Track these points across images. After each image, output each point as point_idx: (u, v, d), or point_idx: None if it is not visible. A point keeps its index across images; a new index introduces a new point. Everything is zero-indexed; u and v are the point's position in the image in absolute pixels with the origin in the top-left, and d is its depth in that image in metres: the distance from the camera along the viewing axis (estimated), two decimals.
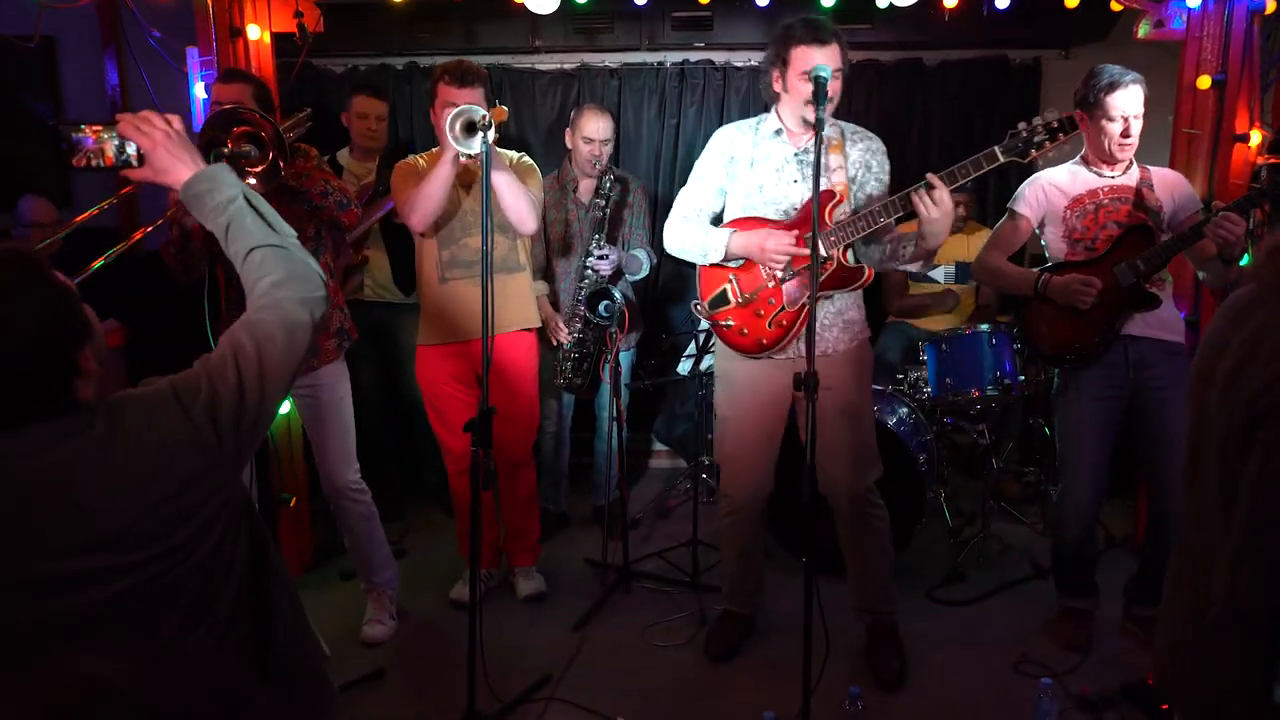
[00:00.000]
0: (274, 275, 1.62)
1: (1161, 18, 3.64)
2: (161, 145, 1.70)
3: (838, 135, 2.88)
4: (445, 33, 4.69)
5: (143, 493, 1.41)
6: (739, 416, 3.03)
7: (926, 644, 3.28)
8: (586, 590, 3.69)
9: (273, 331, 1.56)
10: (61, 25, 4.47)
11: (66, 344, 1.43)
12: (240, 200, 1.68)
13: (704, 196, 2.99)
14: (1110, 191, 3.06)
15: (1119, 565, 3.59)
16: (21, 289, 1.38)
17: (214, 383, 1.49)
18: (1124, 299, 3.00)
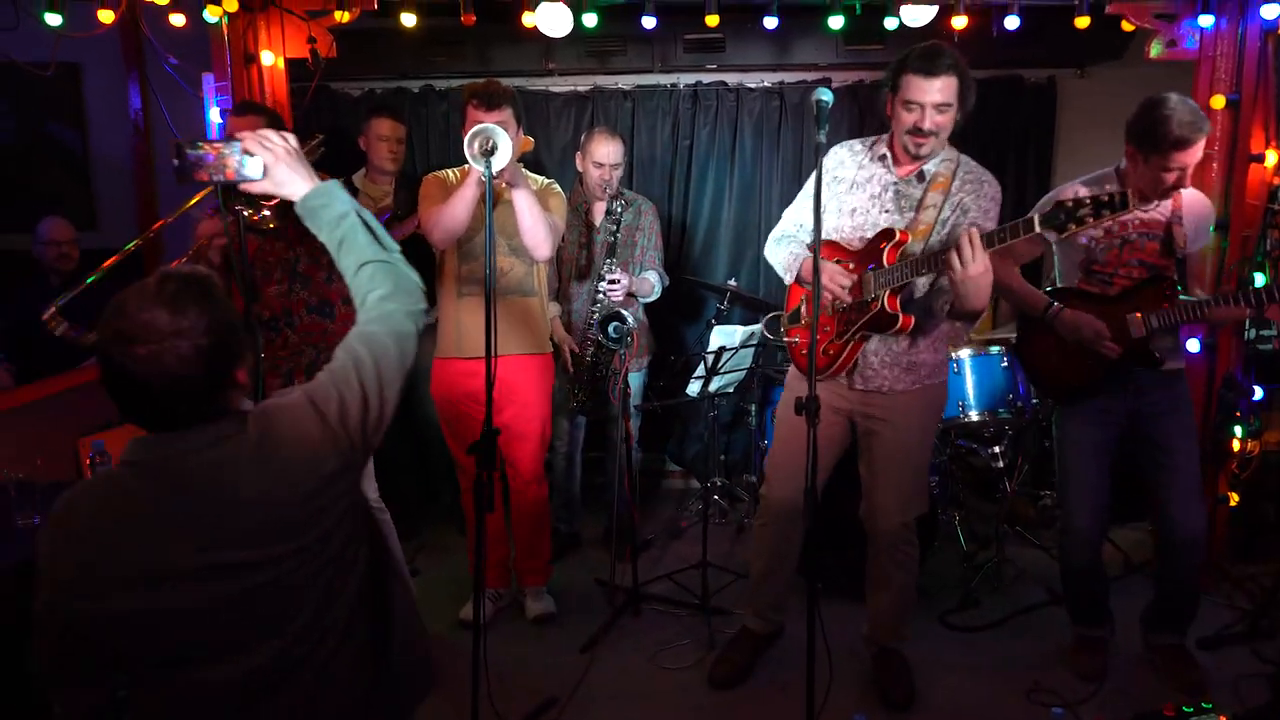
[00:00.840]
0: (382, 289, 1.73)
1: (1174, 37, 3.61)
2: (284, 160, 1.80)
3: (948, 173, 2.78)
4: (460, 56, 4.74)
5: (290, 491, 1.53)
6: (783, 429, 3.03)
7: (938, 669, 3.25)
8: (596, 611, 3.68)
9: (386, 342, 1.67)
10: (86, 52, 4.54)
11: (231, 357, 1.55)
12: (353, 216, 1.79)
13: (806, 213, 2.96)
14: (1140, 226, 2.95)
15: (1138, 592, 3.53)
16: (204, 304, 1.50)
17: (341, 391, 1.61)
18: (1128, 350, 2.90)
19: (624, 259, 3.96)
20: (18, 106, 4.80)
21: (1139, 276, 2.94)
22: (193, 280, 1.52)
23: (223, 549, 1.49)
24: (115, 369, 1.47)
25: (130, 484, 1.51)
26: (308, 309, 3.21)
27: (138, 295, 1.48)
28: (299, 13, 3.48)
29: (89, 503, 1.53)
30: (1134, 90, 4.85)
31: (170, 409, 1.50)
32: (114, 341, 1.46)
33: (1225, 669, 3.20)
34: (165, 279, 1.50)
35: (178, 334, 1.46)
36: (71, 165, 4.98)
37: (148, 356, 1.45)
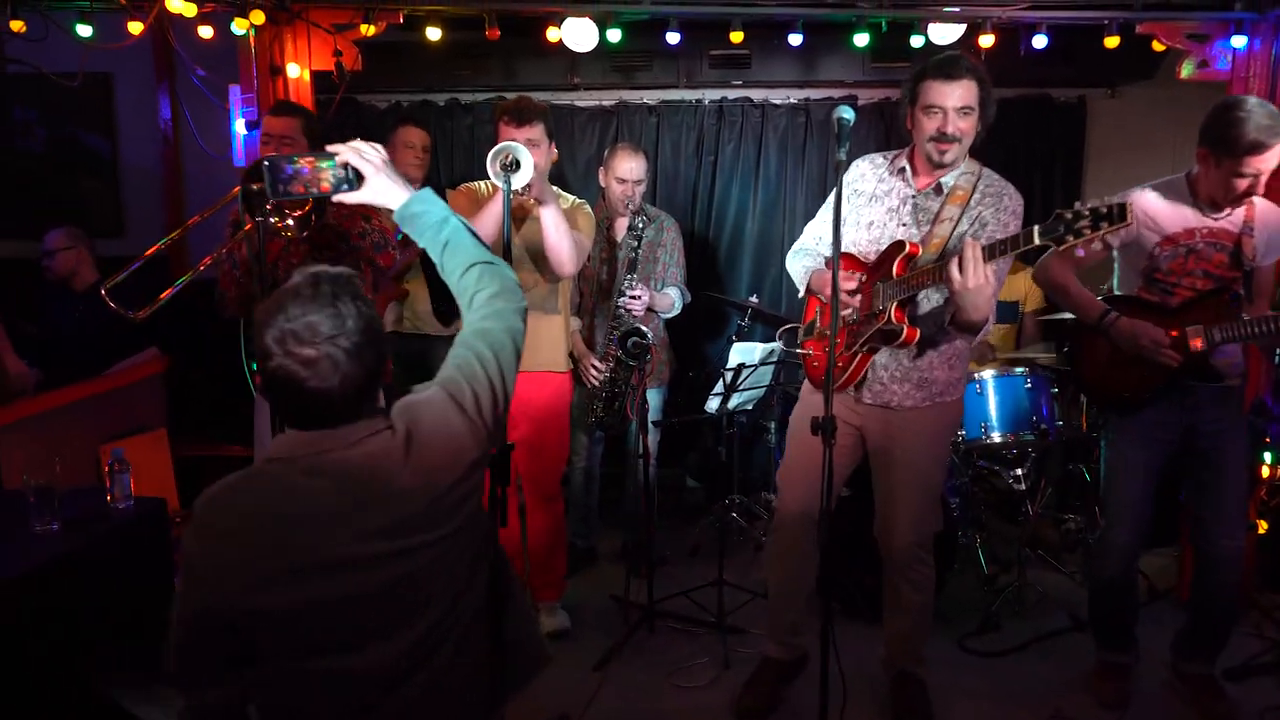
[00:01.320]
0: (492, 288, 1.81)
1: (1206, 58, 3.58)
2: (382, 170, 1.88)
3: (968, 185, 2.73)
4: (485, 70, 4.77)
5: (440, 480, 1.60)
6: (796, 441, 2.99)
7: (957, 695, 3.20)
8: (610, 628, 3.65)
9: (502, 337, 1.76)
10: (118, 62, 4.61)
11: (382, 353, 1.62)
12: (454, 219, 1.88)
13: (825, 227, 2.94)
14: (1208, 235, 2.83)
15: (1162, 619, 3.47)
16: (356, 302, 1.57)
17: (471, 384, 1.68)
18: (1186, 362, 2.81)
19: (645, 275, 3.95)
20: (48, 116, 4.88)
21: (1202, 288, 2.83)
22: (343, 279, 1.58)
23: (380, 538, 1.55)
24: (279, 371, 1.51)
25: (288, 479, 1.56)
26: None
27: (295, 297, 1.53)
28: (325, 26, 3.50)
29: (245, 499, 1.57)
30: (1165, 111, 4.86)
31: (330, 407, 1.55)
32: (278, 344, 1.51)
33: (1253, 700, 3.12)
34: (319, 280, 1.56)
35: (338, 334, 1.52)
36: (101, 174, 5.05)
37: (314, 358, 1.50)
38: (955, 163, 2.71)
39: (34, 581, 2.34)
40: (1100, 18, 3.54)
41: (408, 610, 1.61)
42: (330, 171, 1.84)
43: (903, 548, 2.91)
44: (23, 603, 2.30)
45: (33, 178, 4.97)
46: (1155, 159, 4.91)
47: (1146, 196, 2.89)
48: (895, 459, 2.87)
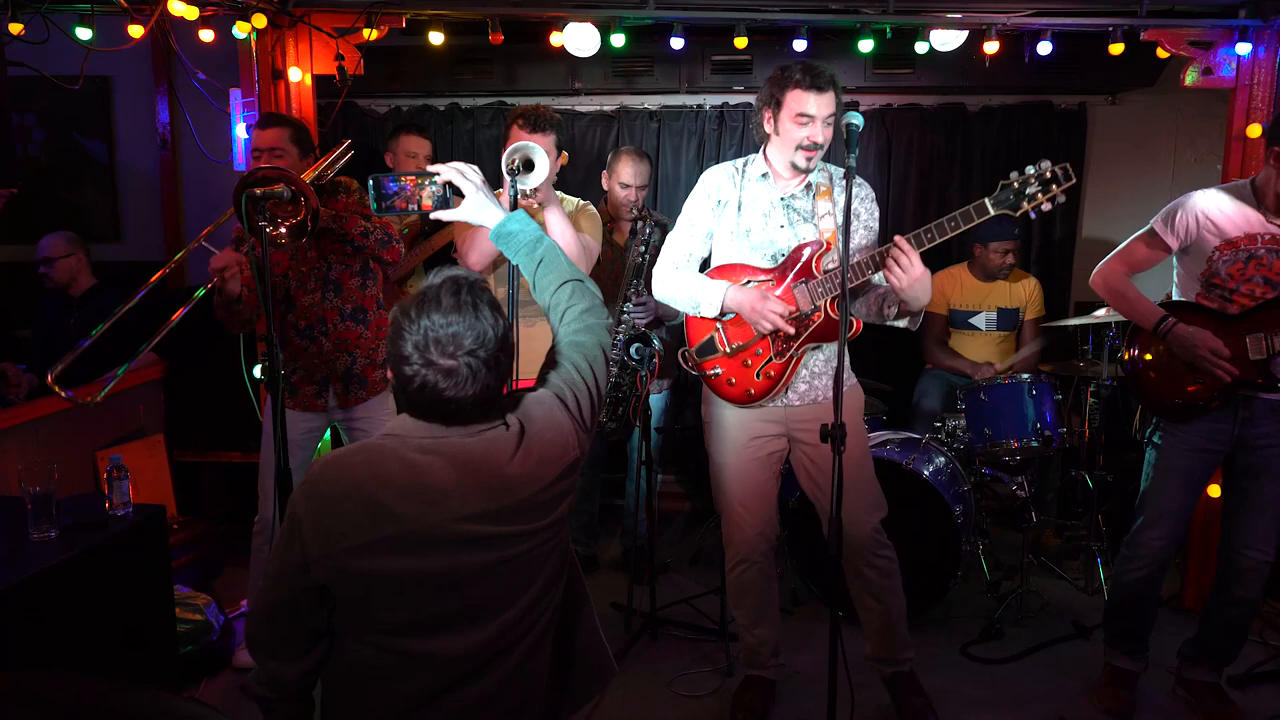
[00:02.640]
0: (583, 304, 1.91)
1: (1210, 65, 3.56)
2: (481, 190, 1.98)
3: (827, 181, 2.83)
4: (487, 75, 4.76)
5: (546, 474, 1.67)
6: (735, 464, 2.96)
7: (960, 702, 3.18)
8: (612, 636, 3.56)
9: (595, 352, 1.86)
10: (116, 66, 4.59)
11: (511, 359, 1.70)
12: (547, 239, 1.97)
13: (694, 242, 2.93)
14: (1271, 241, 2.77)
15: (1165, 626, 3.45)
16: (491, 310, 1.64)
17: (574, 390, 1.79)
18: (1246, 372, 2.78)
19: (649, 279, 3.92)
20: (46, 119, 4.86)
21: (1261, 295, 2.79)
22: (479, 287, 1.64)
23: (484, 520, 1.61)
24: (417, 379, 1.58)
25: (403, 453, 1.61)
26: (341, 316, 3.21)
27: (438, 304, 1.59)
28: (327, 30, 3.48)
29: (358, 466, 1.61)
30: (1165, 118, 4.87)
31: (461, 412, 1.62)
32: (419, 351, 1.57)
33: (1256, 708, 3.11)
34: (458, 287, 1.61)
35: (479, 346, 1.58)
36: (98, 178, 5.03)
37: (454, 369, 1.57)
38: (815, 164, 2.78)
39: (33, 589, 2.31)
40: (1105, 25, 3.53)
41: (499, 598, 1.66)
42: (430, 190, 1.95)
43: (864, 536, 2.89)
44: (21, 610, 2.27)
45: (30, 182, 4.94)
46: (1155, 166, 4.94)
47: (1208, 197, 2.85)
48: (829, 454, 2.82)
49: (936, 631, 3.60)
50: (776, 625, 3.12)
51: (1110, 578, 3.22)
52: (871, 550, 2.92)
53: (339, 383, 3.22)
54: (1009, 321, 4.47)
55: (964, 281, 4.53)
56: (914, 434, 3.95)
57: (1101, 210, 5.03)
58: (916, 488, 3.57)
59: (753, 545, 2.99)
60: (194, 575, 3.83)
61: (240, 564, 3.46)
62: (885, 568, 2.96)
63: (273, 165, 3.01)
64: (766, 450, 2.93)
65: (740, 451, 2.94)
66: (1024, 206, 2.45)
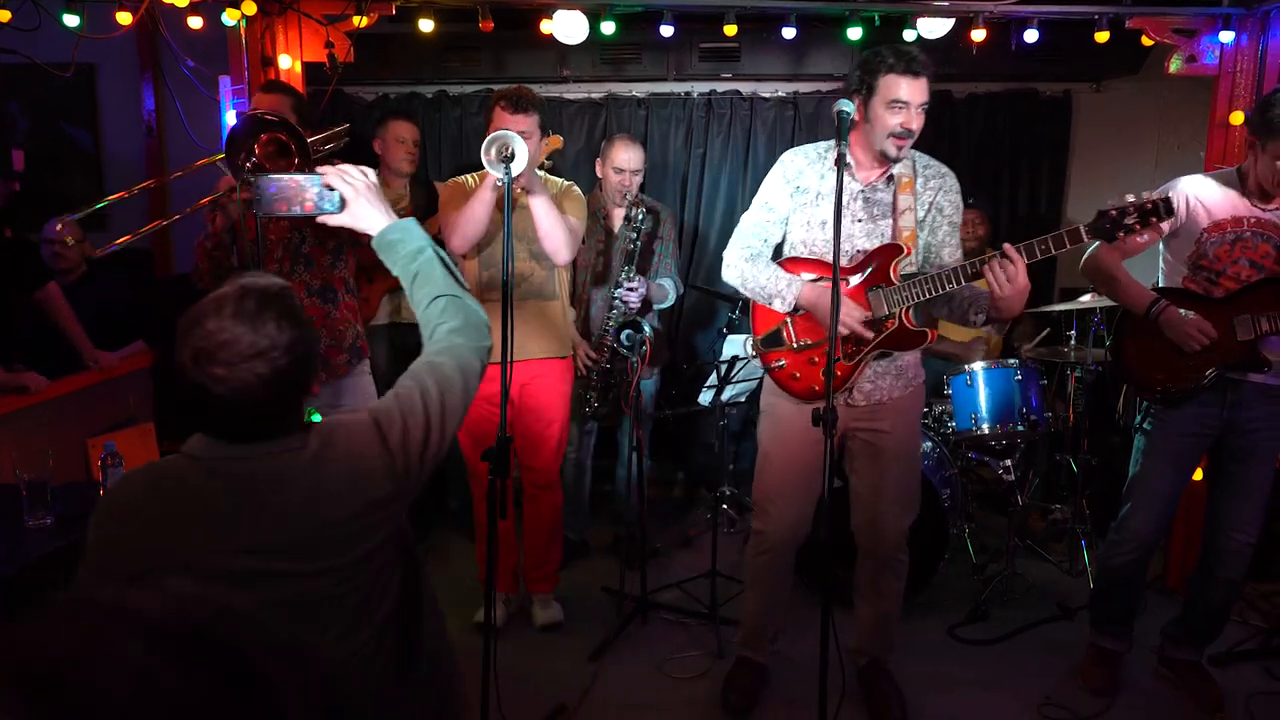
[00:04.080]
0: (453, 323, 1.75)
1: (1194, 53, 3.61)
2: (363, 195, 1.84)
3: (909, 172, 2.71)
4: (475, 62, 4.75)
5: (337, 508, 1.52)
6: (783, 454, 2.89)
7: (947, 683, 3.23)
8: (604, 619, 3.66)
9: (452, 375, 1.68)
10: (101, 53, 4.56)
11: (307, 375, 1.54)
12: (430, 251, 1.81)
13: (771, 227, 2.83)
14: (1256, 224, 2.81)
15: (1148, 607, 3.50)
16: (284, 320, 1.49)
17: (405, 416, 1.61)
18: (1234, 353, 2.82)
19: (641, 266, 3.95)
20: (32, 107, 4.82)
21: (1246, 278, 2.83)
22: (273, 295, 1.50)
23: (263, 555, 1.47)
24: (193, 386, 1.46)
25: (187, 474, 1.51)
26: (309, 291, 3.18)
27: (216, 312, 1.45)
28: (317, 17, 3.48)
29: (143, 483, 1.53)
30: (1148, 105, 4.92)
31: (245, 425, 1.50)
32: (192, 359, 1.44)
33: (1237, 687, 3.18)
34: (245, 294, 1.48)
35: (257, 355, 1.44)
36: (84, 166, 5.00)
37: (226, 376, 1.43)
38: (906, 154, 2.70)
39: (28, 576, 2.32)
40: (1090, 12, 3.57)
41: None
42: (314, 191, 1.81)
43: (895, 539, 2.92)
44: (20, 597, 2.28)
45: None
46: (1139, 152, 4.99)
47: (1196, 182, 2.89)
48: (884, 450, 2.86)
49: (923, 614, 3.64)
50: (782, 613, 3.15)
51: (1097, 561, 3.27)
52: (894, 551, 2.95)
53: None
54: None
55: None
56: None
57: (1086, 197, 5.08)
58: None
59: (782, 537, 2.95)
60: None
61: None
62: (899, 570, 3.00)
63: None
64: (819, 450, 2.77)
65: (791, 445, 2.87)
66: (1119, 237, 2.42)
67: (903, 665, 3.21)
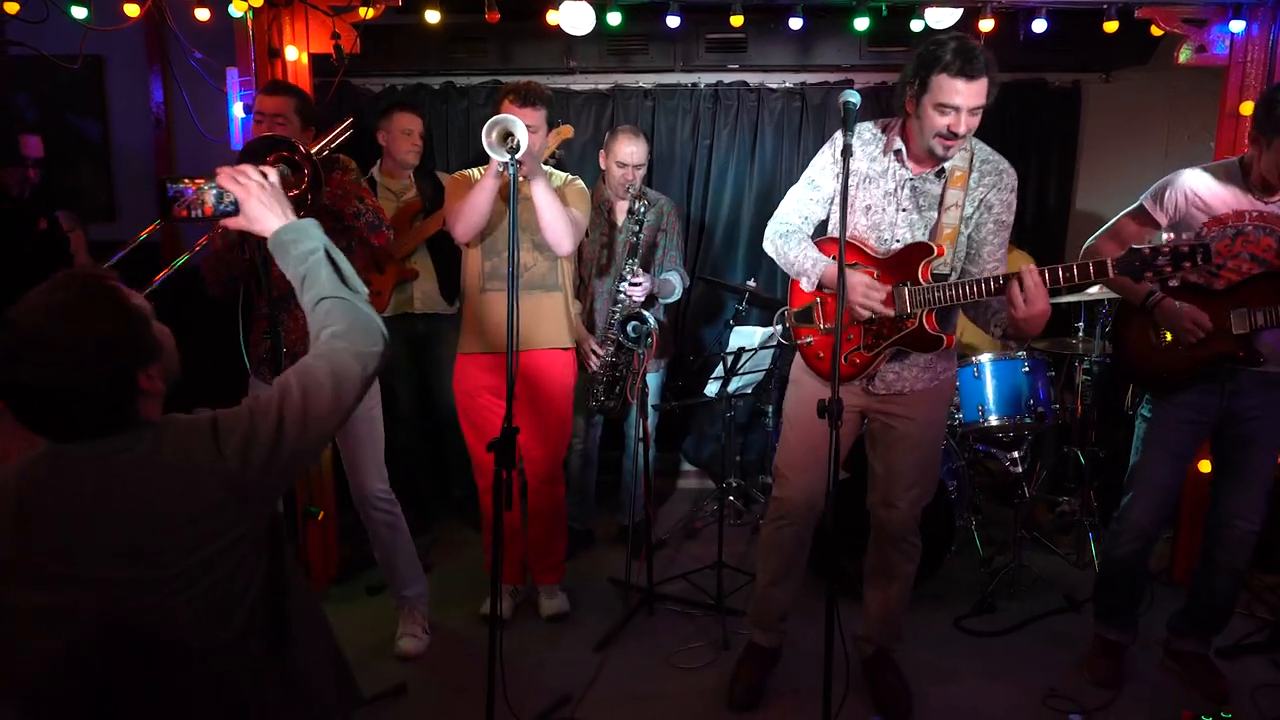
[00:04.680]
0: (336, 326, 1.68)
1: (1204, 43, 3.58)
2: (255, 196, 1.78)
3: (964, 165, 2.64)
4: (481, 53, 4.75)
5: (167, 513, 1.47)
6: (804, 423, 2.84)
7: (953, 675, 3.23)
8: (610, 610, 3.67)
9: (322, 380, 1.60)
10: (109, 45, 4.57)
11: (127, 364, 1.48)
12: (320, 253, 1.75)
13: (813, 205, 2.79)
14: (1258, 218, 2.80)
15: (1155, 600, 3.50)
16: (81, 310, 1.44)
17: (255, 421, 1.53)
18: (1229, 345, 2.83)
19: (646, 259, 3.95)
20: (40, 99, 4.83)
21: (1247, 271, 2.83)
22: (89, 285, 1.46)
23: (85, 563, 1.44)
24: (5, 380, 1.42)
25: (10, 482, 1.48)
26: None
27: (28, 303, 1.43)
28: (324, 8, 3.47)
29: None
30: (1158, 96, 4.89)
31: (64, 421, 1.46)
32: (4, 356, 1.41)
33: (1244, 679, 3.17)
34: (56, 286, 1.45)
35: (68, 346, 1.41)
36: (92, 157, 5.01)
37: (37, 369, 1.40)
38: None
39: None
40: (1099, 2, 3.54)
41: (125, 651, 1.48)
42: (213, 195, 1.80)
43: (904, 521, 2.92)
44: None
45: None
46: (1149, 143, 4.96)
47: (1197, 176, 2.88)
48: (901, 436, 2.84)
49: (930, 605, 3.65)
50: (794, 591, 3.11)
51: (1102, 551, 3.26)
52: (905, 535, 2.95)
53: None
54: None
55: None
56: None
57: (1095, 188, 5.06)
58: None
59: (798, 506, 2.93)
60: None
61: None
62: (909, 553, 2.99)
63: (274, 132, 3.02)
64: None
65: (810, 419, 2.81)
66: (1147, 277, 2.37)
67: (909, 656, 3.22)
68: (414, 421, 4.40)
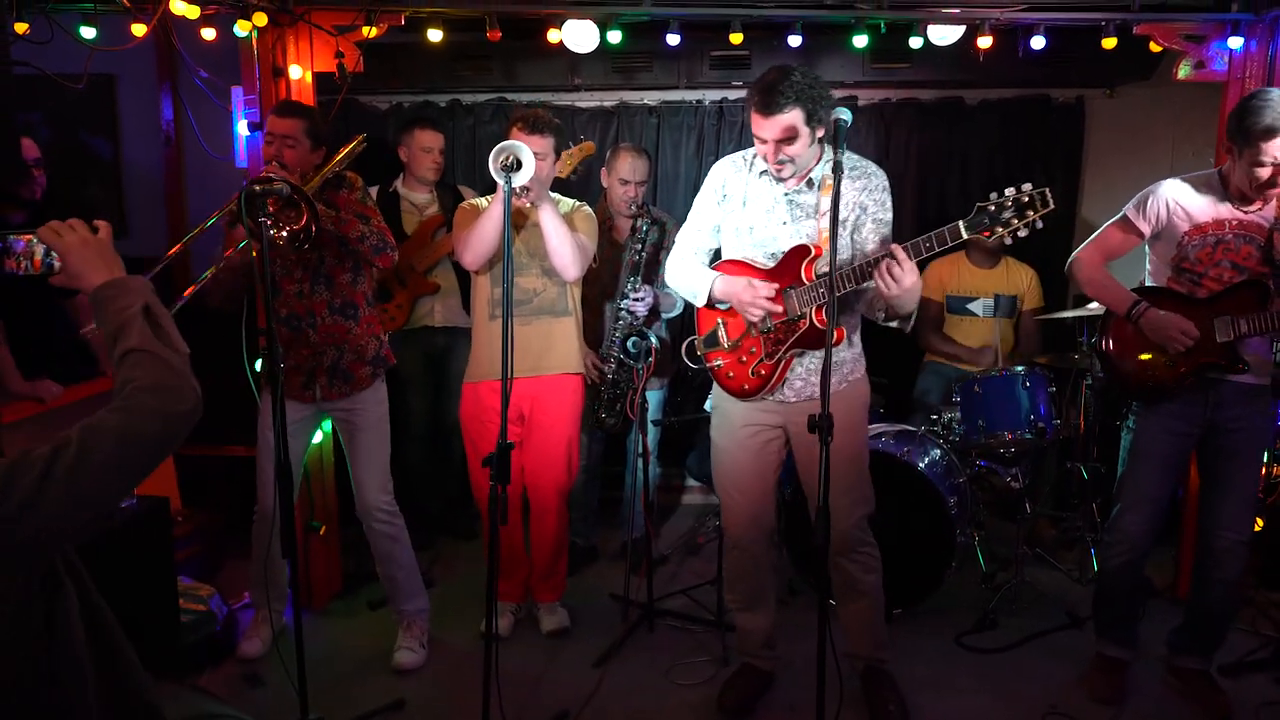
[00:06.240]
0: (141, 380, 1.56)
1: (1203, 59, 3.59)
2: (75, 251, 1.71)
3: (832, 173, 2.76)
4: (486, 71, 4.79)
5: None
6: (731, 449, 2.99)
7: (954, 691, 3.22)
8: (611, 626, 3.67)
9: (104, 439, 1.48)
10: (121, 64, 4.64)
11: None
12: (137, 309, 1.64)
13: (700, 235, 2.96)
14: (1238, 226, 2.86)
15: (1161, 617, 3.49)
16: None
17: (13, 473, 1.42)
18: (1214, 353, 2.85)
19: (648, 277, 3.96)
20: (52, 118, 4.90)
21: (1229, 279, 2.86)
22: None
23: None
24: None
25: None
26: (330, 309, 3.25)
27: None
28: (327, 28, 3.52)
29: None
30: (1162, 111, 4.89)
31: None
32: None
33: (1248, 696, 3.15)
34: None
35: None
36: (103, 175, 5.08)
37: None
38: (802, 169, 2.73)
39: None
40: (1097, 19, 3.56)
41: None
42: (41, 249, 1.73)
43: (846, 531, 2.92)
44: None
45: None
46: (1153, 158, 4.95)
47: (1178, 186, 2.92)
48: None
49: (932, 621, 3.64)
50: (770, 616, 3.15)
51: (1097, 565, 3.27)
52: (853, 545, 2.95)
53: (325, 376, 3.26)
54: (1007, 308, 4.49)
55: (961, 268, 4.55)
56: (909, 426, 3.98)
57: (1100, 203, 5.04)
58: (912, 480, 3.61)
59: (745, 530, 3.01)
60: (198, 567, 3.89)
61: (244, 556, 3.51)
62: (866, 563, 2.99)
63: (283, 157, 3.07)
64: (762, 439, 2.95)
65: (736, 437, 2.97)
66: (999, 232, 2.43)
67: (909, 672, 3.21)
68: (425, 435, 4.43)
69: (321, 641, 3.50)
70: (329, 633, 3.64)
